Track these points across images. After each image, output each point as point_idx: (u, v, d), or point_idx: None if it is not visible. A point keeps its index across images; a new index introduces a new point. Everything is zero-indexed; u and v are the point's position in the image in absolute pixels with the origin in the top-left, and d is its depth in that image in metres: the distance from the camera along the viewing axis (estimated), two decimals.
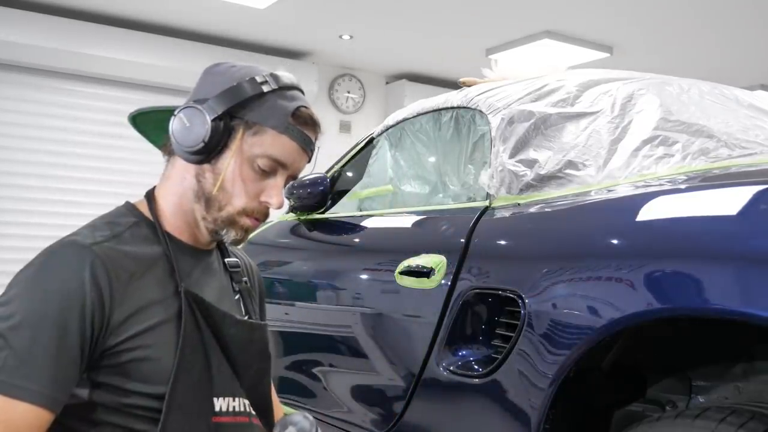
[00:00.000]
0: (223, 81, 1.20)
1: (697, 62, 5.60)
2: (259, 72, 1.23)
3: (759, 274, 1.08)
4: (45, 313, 1.04)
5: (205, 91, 1.21)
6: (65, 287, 1.06)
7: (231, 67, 1.24)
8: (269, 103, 1.19)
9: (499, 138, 1.80)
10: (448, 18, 5.01)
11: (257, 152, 1.18)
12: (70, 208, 5.18)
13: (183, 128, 1.17)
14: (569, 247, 1.45)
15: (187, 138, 1.16)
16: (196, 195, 1.20)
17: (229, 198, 1.19)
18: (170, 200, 1.23)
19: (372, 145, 2.48)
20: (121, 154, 5.35)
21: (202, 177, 1.19)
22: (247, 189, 1.19)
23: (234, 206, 1.19)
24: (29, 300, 1.06)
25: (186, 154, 1.18)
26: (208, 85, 1.22)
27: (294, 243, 2.61)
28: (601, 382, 1.43)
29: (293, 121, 1.21)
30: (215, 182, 1.18)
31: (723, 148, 1.68)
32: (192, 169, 1.20)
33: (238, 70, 1.22)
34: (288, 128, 1.20)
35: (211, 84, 1.21)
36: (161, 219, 1.22)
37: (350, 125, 6.41)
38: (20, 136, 5.06)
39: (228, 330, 1.20)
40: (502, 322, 1.55)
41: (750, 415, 1.13)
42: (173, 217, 1.22)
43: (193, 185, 1.20)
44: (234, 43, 5.69)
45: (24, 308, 1.05)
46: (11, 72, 5.05)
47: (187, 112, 1.17)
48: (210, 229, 1.21)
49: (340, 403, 2.03)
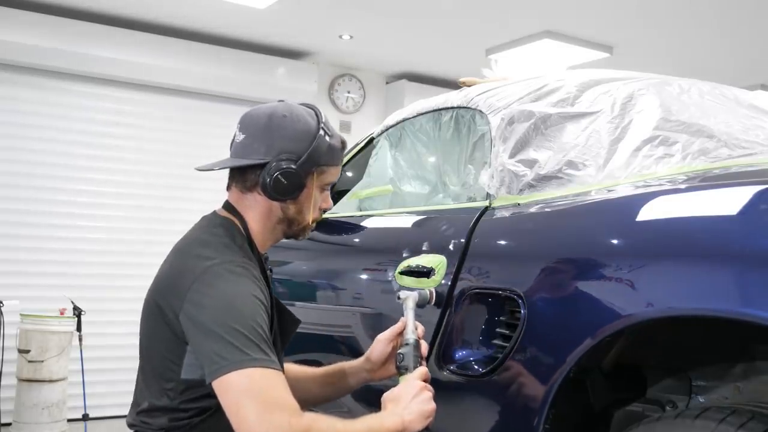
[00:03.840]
0: (298, 137, 1.56)
1: (697, 62, 5.60)
2: (311, 117, 1.60)
3: (759, 274, 1.08)
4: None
5: (283, 145, 1.55)
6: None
7: (292, 116, 1.58)
8: (329, 147, 1.60)
9: (499, 138, 1.80)
10: (448, 18, 5.01)
11: (324, 182, 1.63)
12: (69, 208, 5.18)
13: (282, 184, 1.53)
14: (569, 247, 1.45)
15: (286, 191, 1.55)
16: (280, 220, 1.62)
17: (305, 216, 1.63)
18: (260, 225, 1.61)
19: (372, 145, 2.48)
20: (120, 154, 5.34)
21: (286, 209, 1.61)
22: (315, 207, 1.64)
23: (308, 220, 1.64)
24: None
25: (280, 199, 1.57)
26: (282, 140, 1.55)
27: (294, 243, 2.61)
28: (601, 382, 1.43)
29: (342, 150, 1.65)
30: (297, 210, 1.61)
31: (723, 148, 1.68)
32: (278, 204, 1.60)
33: (303, 122, 1.58)
34: (340, 159, 1.66)
35: (286, 139, 1.55)
36: (252, 237, 1.61)
37: (350, 125, 6.41)
38: (20, 136, 5.05)
39: (286, 323, 1.65)
40: (502, 322, 1.56)
41: (750, 415, 1.13)
42: (260, 235, 1.62)
43: (279, 214, 1.61)
44: (234, 43, 5.69)
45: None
46: (11, 72, 5.04)
47: (284, 174, 1.53)
48: (290, 236, 1.67)
49: (340, 403, 2.03)
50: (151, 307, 1.52)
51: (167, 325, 1.46)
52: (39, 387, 4.43)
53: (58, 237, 5.14)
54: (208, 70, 5.46)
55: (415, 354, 1.53)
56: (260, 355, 1.35)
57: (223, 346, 1.35)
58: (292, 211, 1.60)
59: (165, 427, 1.50)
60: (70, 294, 4.68)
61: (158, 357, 1.51)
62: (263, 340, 1.38)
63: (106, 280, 5.19)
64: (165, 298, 1.47)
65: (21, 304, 4.50)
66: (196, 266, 1.45)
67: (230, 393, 1.33)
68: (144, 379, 1.56)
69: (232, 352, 1.34)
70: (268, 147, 1.55)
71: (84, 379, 4.44)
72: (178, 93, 5.56)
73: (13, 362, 4.44)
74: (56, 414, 4.47)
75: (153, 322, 1.51)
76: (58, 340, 4.50)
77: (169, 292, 1.47)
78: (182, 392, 1.48)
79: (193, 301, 1.41)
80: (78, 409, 4.54)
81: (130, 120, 5.42)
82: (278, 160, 1.53)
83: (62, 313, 4.60)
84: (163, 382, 1.50)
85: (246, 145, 1.57)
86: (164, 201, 5.40)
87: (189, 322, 1.41)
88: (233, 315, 1.38)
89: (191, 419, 1.49)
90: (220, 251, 1.49)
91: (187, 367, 1.47)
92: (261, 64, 5.72)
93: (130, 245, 5.28)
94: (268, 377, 1.34)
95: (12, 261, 4.98)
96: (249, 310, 1.40)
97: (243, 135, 1.59)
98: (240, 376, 1.32)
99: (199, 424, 1.49)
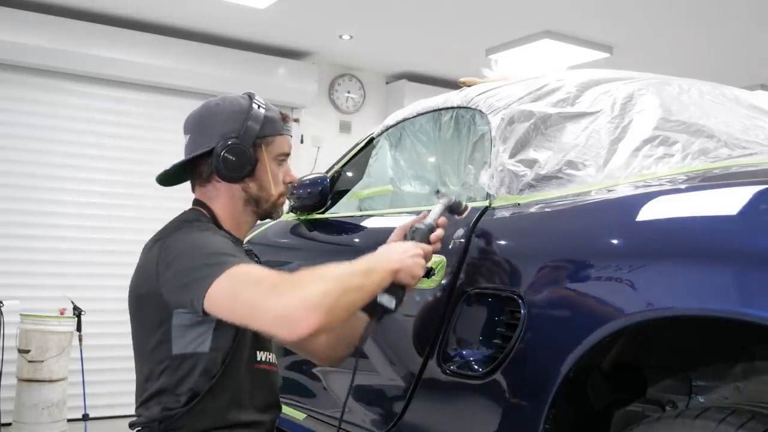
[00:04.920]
0: (232, 117, 1.63)
1: (697, 62, 5.60)
2: (243, 98, 1.67)
3: (759, 274, 1.08)
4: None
5: (221, 128, 1.62)
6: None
7: (224, 103, 1.66)
8: (266, 117, 1.66)
9: (499, 138, 1.80)
10: (448, 18, 5.01)
11: (275, 153, 1.68)
12: (70, 208, 5.18)
13: (231, 162, 1.59)
14: (569, 247, 1.45)
15: (237, 167, 1.61)
16: (246, 200, 1.66)
17: (269, 191, 1.67)
18: (227, 211, 1.66)
19: (372, 145, 2.48)
20: (120, 154, 5.34)
21: (247, 188, 1.65)
22: (276, 180, 1.68)
23: (273, 195, 1.68)
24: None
25: (236, 178, 1.62)
26: (219, 124, 1.63)
27: (294, 243, 2.61)
28: (601, 382, 1.43)
29: (282, 121, 1.71)
30: (258, 186, 1.66)
31: (723, 148, 1.68)
32: (238, 186, 1.64)
33: (235, 104, 1.66)
34: (283, 128, 1.71)
35: (222, 122, 1.63)
36: (220, 224, 1.66)
37: (350, 125, 6.40)
38: (20, 136, 5.05)
39: None
40: (502, 322, 1.55)
41: (750, 415, 1.13)
42: (231, 221, 1.67)
43: (243, 195, 1.65)
44: (234, 43, 5.68)
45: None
46: (11, 72, 5.04)
47: (230, 150, 1.59)
48: (264, 216, 1.70)
49: (340, 403, 2.03)
50: (134, 301, 1.59)
51: (151, 307, 1.52)
52: (39, 387, 4.43)
53: (58, 237, 5.14)
54: (208, 70, 5.46)
55: (426, 233, 1.60)
56: (230, 259, 1.43)
57: (200, 272, 1.42)
58: (254, 189, 1.66)
59: (158, 417, 1.53)
60: (70, 294, 4.68)
61: (149, 344, 1.55)
62: (229, 254, 1.46)
63: (106, 280, 5.19)
64: (144, 282, 1.54)
65: (21, 304, 4.49)
66: (156, 245, 1.55)
67: (221, 298, 1.39)
68: (139, 371, 1.60)
69: (206, 270, 1.42)
70: (210, 135, 1.62)
71: (84, 379, 4.43)
72: (178, 93, 5.55)
73: (13, 362, 4.44)
74: (56, 414, 4.47)
75: (138, 313, 1.58)
76: (58, 340, 4.50)
77: (145, 278, 1.54)
78: (176, 369, 1.52)
79: (164, 266, 1.50)
80: (78, 409, 4.54)
81: (130, 120, 5.42)
82: (223, 140, 1.60)
83: (62, 313, 4.60)
84: (156, 365, 1.54)
85: (191, 142, 1.66)
86: (165, 201, 5.39)
87: (169, 285, 1.48)
88: (201, 250, 1.47)
89: (182, 408, 1.52)
90: (177, 228, 1.58)
91: (176, 340, 1.52)
92: (261, 64, 5.72)
93: (129, 245, 5.26)
94: (244, 268, 1.42)
95: (12, 261, 4.98)
96: (212, 241, 1.51)
97: (187, 135, 1.68)
98: (220, 281, 1.39)
99: (189, 411, 1.52)
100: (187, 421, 1.52)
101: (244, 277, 1.40)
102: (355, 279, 1.42)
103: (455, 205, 1.69)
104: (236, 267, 1.42)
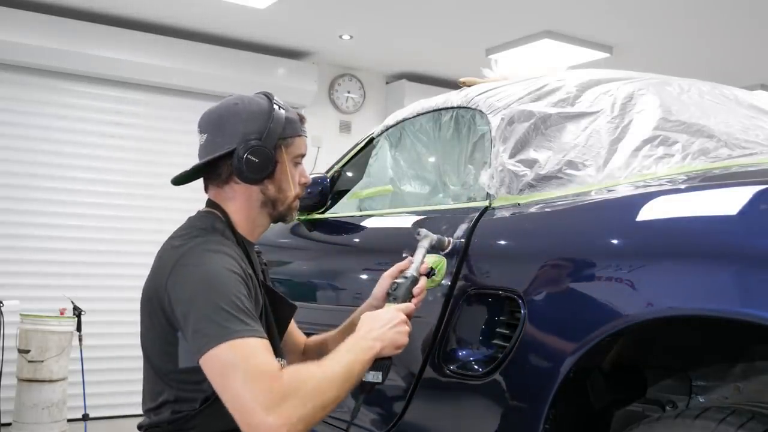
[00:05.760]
0: (253, 117, 1.61)
1: (697, 62, 5.60)
2: (262, 99, 1.67)
3: (759, 274, 1.08)
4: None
5: (243, 129, 1.59)
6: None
7: (243, 103, 1.65)
8: (287, 119, 1.65)
9: (499, 138, 1.80)
10: (448, 18, 5.01)
11: (294, 154, 1.67)
12: (70, 208, 5.18)
13: (253, 163, 1.57)
14: (569, 247, 1.45)
15: (259, 169, 1.58)
16: (263, 203, 1.64)
17: (286, 193, 1.65)
18: (243, 213, 1.64)
19: (372, 145, 2.48)
20: (120, 154, 5.34)
21: (265, 190, 1.63)
22: (294, 181, 1.67)
23: (290, 197, 1.66)
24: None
25: (257, 180, 1.59)
26: (240, 124, 1.60)
27: (294, 243, 2.61)
28: (601, 382, 1.43)
29: (301, 123, 1.70)
30: (277, 188, 1.64)
31: (723, 148, 1.68)
32: (257, 187, 1.62)
33: (255, 104, 1.64)
34: (301, 129, 1.70)
35: (243, 123, 1.60)
36: (237, 227, 1.64)
37: (350, 125, 6.41)
38: (20, 136, 5.05)
39: (281, 309, 1.69)
40: (502, 322, 1.55)
41: (750, 415, 1.13)
42: (246, 224, 1.65)
43: (260, 197, 1.63)
44: (234, 43, 5.68)
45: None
46: (11, 72, 5.04)
47: (253, 152, 1.57)
48: (277, 219, 1.69)
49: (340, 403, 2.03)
50: (145, 304, 1.57)
51: (160, 317, 1.51)
52: (39, 387, 4.43)
53: (58, 237, 5.14)
54: (208, 70, 5.46)
55: (408, 288, 1.58)
56: (240, 326, 1.39)
57: (205, 324, 1.39)
58: (272, 190, 1.63)
59: (168, 419, 1.53)
60: (70, 294, 4.68)
61: (157, 351, 1.55)
62: (242, 310, 1.41)
63: (106, 280, 5.19)
64: (155, 292, 1.52)
65: (21, 304, 4.49)
66: (171, 256, 1.51)
67: (215, 367, 1.37)
68: (147, 375, 1.59)
69: (213, 328, 1.38)
70: (231, 135, 1.59)
71: (84, 379, 4.43)
72: (178, 93, 5.56)
73: (13, 362, 4.44)
74: (56, 414, 4.47)
75: (148, 317, 1.56)
76: (58, 340, 4.50)
77: (155, 287, 1.52)
78: (182, 381, 1.52)
79: (174, 288, 1.46)
80: (78, 409, 4.54)
81: (130, 120, 5.42)
82: (244, 142, 1.57)
83: (62, 313, 4.60)
84: (163, 374, 1.54)
85: (209, 142, 1.62)
86: (165, 201, 5.40)
87: (174, 308, 1.46)
88: (211, 292, 1.42)
89: (192, 410, 1.52)
90: (194, 236, 1.54)
91: (183, 355, 1.50)
92: (261, 64, 5.72)
93: (129, 245, 5.27)
94: (249, 346, 1.38)
95: (12, 261, 4.98)
96: (226, 284, 1.44)
97: (204, 135, 1.64)
98: (221, 349, 1.36)
99: (201, 413, 1.51)
100: (198, 422, 1.52)
101: (243, 362, 1.35)
102: (333, 390, 1.40)
103: (437, 243, 1.68)
104: (241, 340, 1.38)
